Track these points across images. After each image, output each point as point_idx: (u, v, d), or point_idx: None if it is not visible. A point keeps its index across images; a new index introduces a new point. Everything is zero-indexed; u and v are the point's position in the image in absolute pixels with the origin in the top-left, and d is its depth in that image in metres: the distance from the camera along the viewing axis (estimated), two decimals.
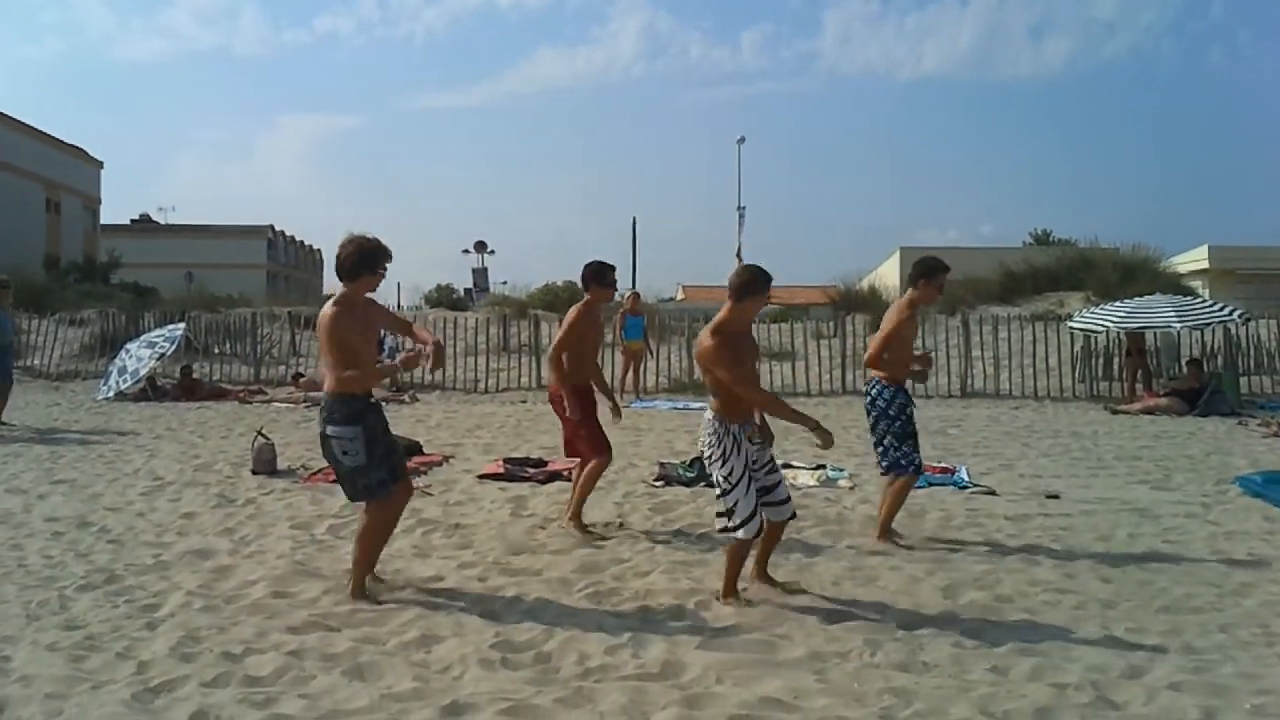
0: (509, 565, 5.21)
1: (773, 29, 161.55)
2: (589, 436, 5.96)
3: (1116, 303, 15.93)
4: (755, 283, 4.42)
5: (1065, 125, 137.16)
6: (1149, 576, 5.04)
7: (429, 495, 7.04)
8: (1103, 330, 15.15)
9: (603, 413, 6.11)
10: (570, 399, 5.87)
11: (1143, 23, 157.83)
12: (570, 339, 5.91)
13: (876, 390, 5.70)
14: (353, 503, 4.66)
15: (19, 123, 41.35)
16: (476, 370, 17.39)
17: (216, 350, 19.28)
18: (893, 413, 5.64)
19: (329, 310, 4.40)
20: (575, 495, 6.03)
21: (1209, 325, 15.12)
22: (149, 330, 17.82)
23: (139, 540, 5.72)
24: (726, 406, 4.41)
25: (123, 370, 15.35)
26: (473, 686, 3.52)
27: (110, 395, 14.91)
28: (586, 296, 6.03)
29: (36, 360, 18.79)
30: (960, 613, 4.42)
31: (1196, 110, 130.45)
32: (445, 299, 31.35)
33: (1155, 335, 16.31)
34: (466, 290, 34.54)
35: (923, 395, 14.70)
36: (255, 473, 7.93)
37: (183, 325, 17.37)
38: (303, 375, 15.84)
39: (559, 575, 4.99)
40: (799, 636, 4.05)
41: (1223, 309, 14.64)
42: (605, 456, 5.99)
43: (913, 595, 4.68)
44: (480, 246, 34.53)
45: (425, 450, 9.10)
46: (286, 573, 4.98)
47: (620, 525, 6.18)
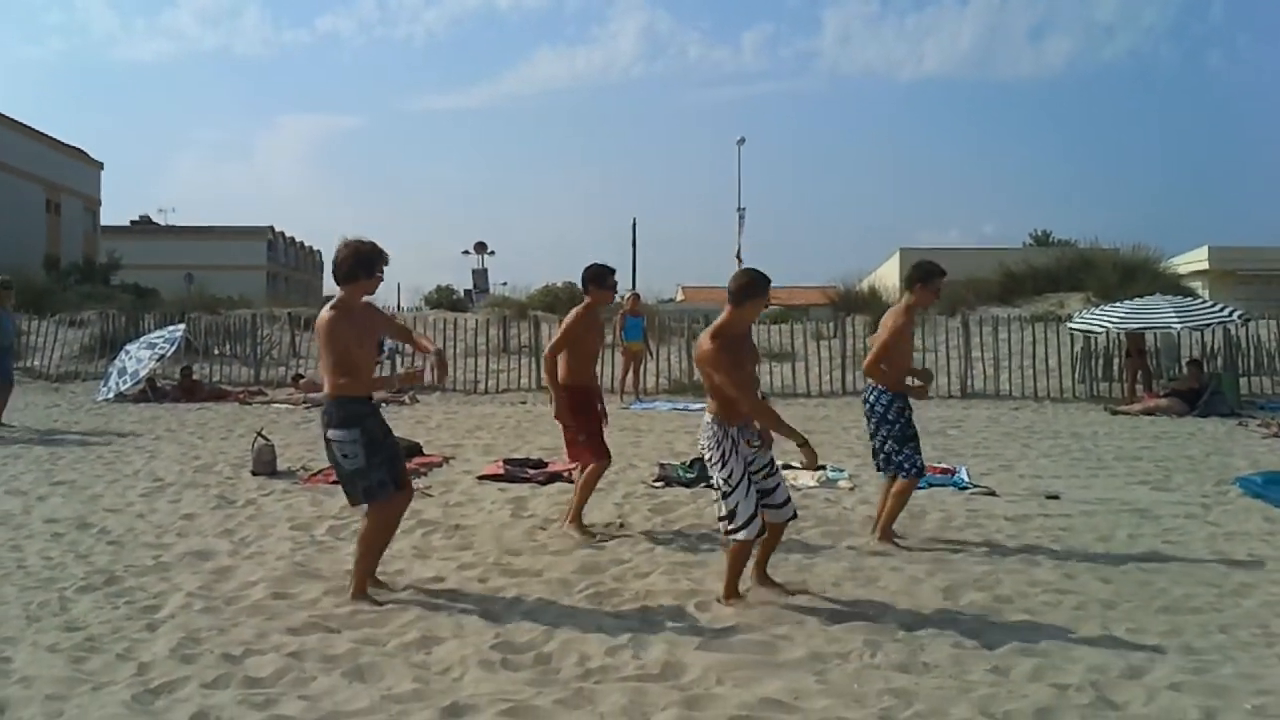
0: (509, 566, 5.21)
1: (772, 29, 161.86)
2: (588, 440, 5.96)
3: (1116, 303, 15.96)
4: (754, 286, 4.43)
5: (1066, 126, 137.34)
6: (1149, 577, 5.04)
7: (429, 496, 7.04)
8: (1103, 331, 15.16)
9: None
10: (560, 399, 5.87)
11: (1143, 24, 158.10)
12: (564, 341, 5.91)
13: (875, 395, 5.70)
14: (353, 505, 4.66)
15: (19, 124, 41.36)
16: (476, 371, 17.39)
17: (216, 351, 19.30)
18: (891, 416, 5.64)
19: (326, 314, 4.41)
20: (575, 498, 6.03)
21: (1209, 326, 15.13)
22: (149, 331, 17.82)
23: (139, 541, 5.73)
24: (725, 409, 4.41)
25: (122, 371, 15.36)
26: (473, 687, 3.52)
27: (110, 396, 14.92)
28: (586, 299, 6.04)
29: (36, 361, 18.81)
30: (960, 613, 4.42)
31: (1197, 111, 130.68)
32: (445, 300, 31.34)
33: (1155, 336, 16.32)
34: (466, 291, 34.61)
35: None
36: (255, 474, 7.94)
37: (183, 326, 17.37)
38: (303, 376, 15.85)
39: (559, 576, 4.99)
40: (799, 637, 4.05)
41: (1223, 310, 14.65)
42: (604, 460, 6.00)
43: (913, 596, 4.68)
44: (480, 247, 34.62)
45: (425, 451, 9.11)
46: (286, 574, 4.98)
47: (620, 526, 6.19)
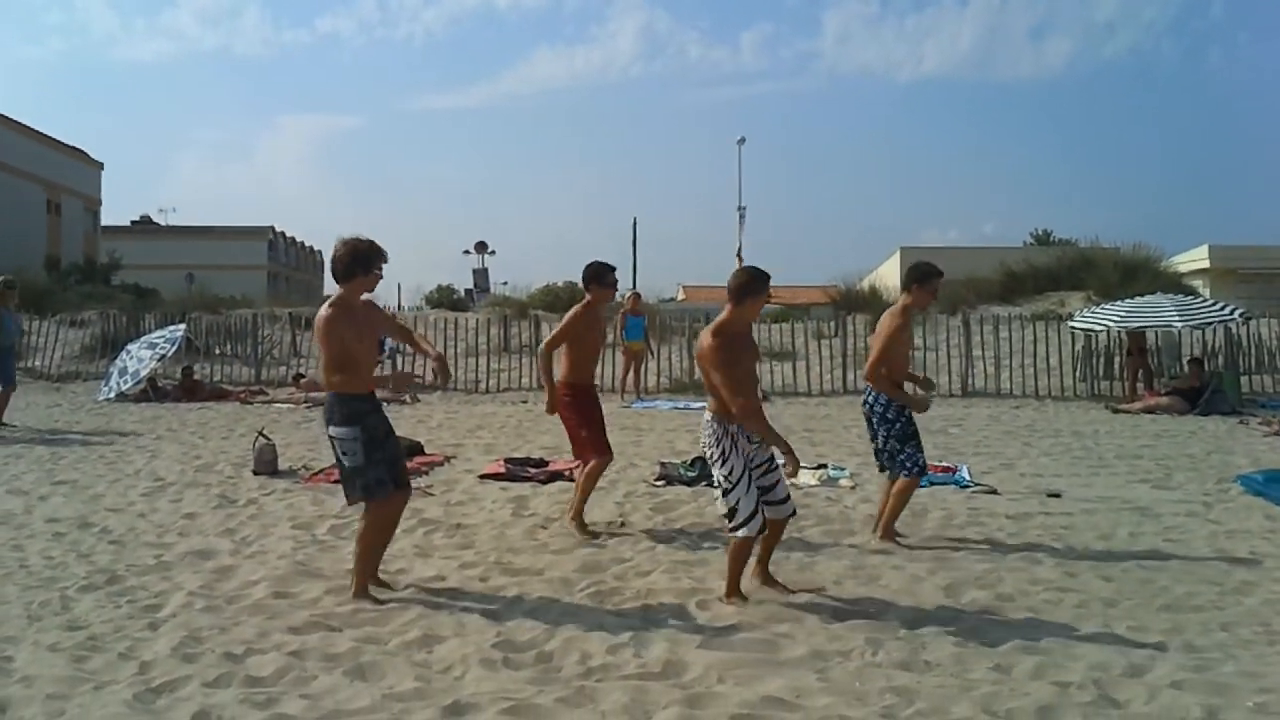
0: (510, 565, 5.21)
1: (772, 29, 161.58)
2: (589, 437, 5.96)
3: (1117, 302, 15.96)
4: (754, 284, 4.44)
5: (1066, 125, 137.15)
6: (1150, 575, 5.04)
7: (430, 495, 7.04)
8: (1103, 329, 15.16)
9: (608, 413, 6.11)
10: (559, 396, 5.89)
11: (1143, 22, 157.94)
12: (562, 336, 5.91)
13: (874, 396, 5.70)
14: (350, 503, 4.65)
15: (19, 124, 41.41)
16: (477, 371, 17.39)
17: (217, 351, 19.31)
18: (891, 415, 5.63)
19: (324, 311, 4.41)
20: (576, 495, 6.03)
21: (1210, 324, 15.11)
22: (150, 331, 17.82)
23: (140, 541, 5.73)
24: (725, 407, 4.42)
25: (123, 371, 15.37)
26: (474, 686, 3.52)
27: (111, 396, 14.92)
28: (587, 297, 6.04)
29: (37, 361, 18.82)
30: (962, 611, 4.42)
31: (1197, 110, 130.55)
32: (446, 299, 31.34)
33: (1156, 334, 16.32)
34: (467, 291, 34.56)
35: None
36: (256, 473, 7.94)
37: (183, 326, 17.38)
38: (304, 376, 15.84)
39: (560, 575, 4.99)
40: (800, 635, 4.05)
41: (1223, 308, 14.65)
42: (605, 457, 6.00)
43: (914, 594, 4.68)
44: (481, 247, 34.59)
45: (427, 450, 9.11)
46: (288, 573, 4.98)
47: (622, 525, 6.19)
